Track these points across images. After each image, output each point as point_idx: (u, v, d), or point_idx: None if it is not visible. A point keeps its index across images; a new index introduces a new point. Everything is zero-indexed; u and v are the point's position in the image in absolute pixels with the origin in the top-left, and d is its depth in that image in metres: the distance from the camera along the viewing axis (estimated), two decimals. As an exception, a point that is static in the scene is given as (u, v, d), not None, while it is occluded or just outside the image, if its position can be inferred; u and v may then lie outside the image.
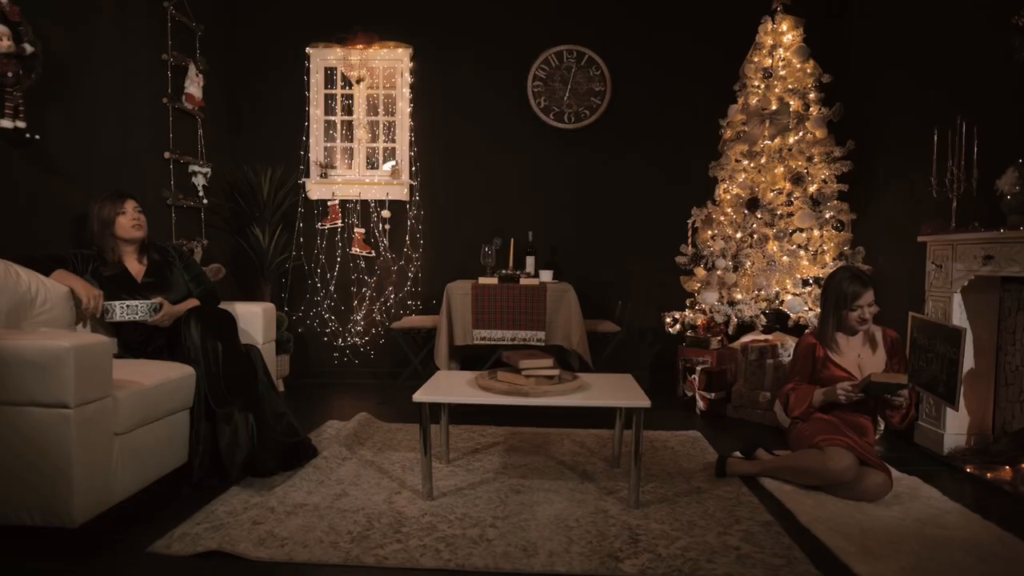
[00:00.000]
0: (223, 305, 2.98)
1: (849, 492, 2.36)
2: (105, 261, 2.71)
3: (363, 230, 4.64)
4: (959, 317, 2.88)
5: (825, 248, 3.67)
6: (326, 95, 4.68)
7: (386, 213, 4.62)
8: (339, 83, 4.68)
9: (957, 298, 2.88)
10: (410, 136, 4.62)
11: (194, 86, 3.88)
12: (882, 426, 3.18)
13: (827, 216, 3.65)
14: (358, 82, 4.60)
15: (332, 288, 4.66)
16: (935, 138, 2.98)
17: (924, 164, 3.19)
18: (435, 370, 4.04)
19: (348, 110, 4.71)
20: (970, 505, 2.34)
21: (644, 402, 2.28)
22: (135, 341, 2.70)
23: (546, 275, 4.10)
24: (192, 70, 3.87)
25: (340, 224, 4.65)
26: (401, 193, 4.63)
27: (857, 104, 3.87)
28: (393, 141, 4.70)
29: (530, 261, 4.23)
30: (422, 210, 4.66)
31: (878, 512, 2.27)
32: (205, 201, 4.04)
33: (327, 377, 4.66)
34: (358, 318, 4.67)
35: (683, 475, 2.68)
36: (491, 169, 4.64)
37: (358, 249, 4.63)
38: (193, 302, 2.83)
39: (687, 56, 4.51)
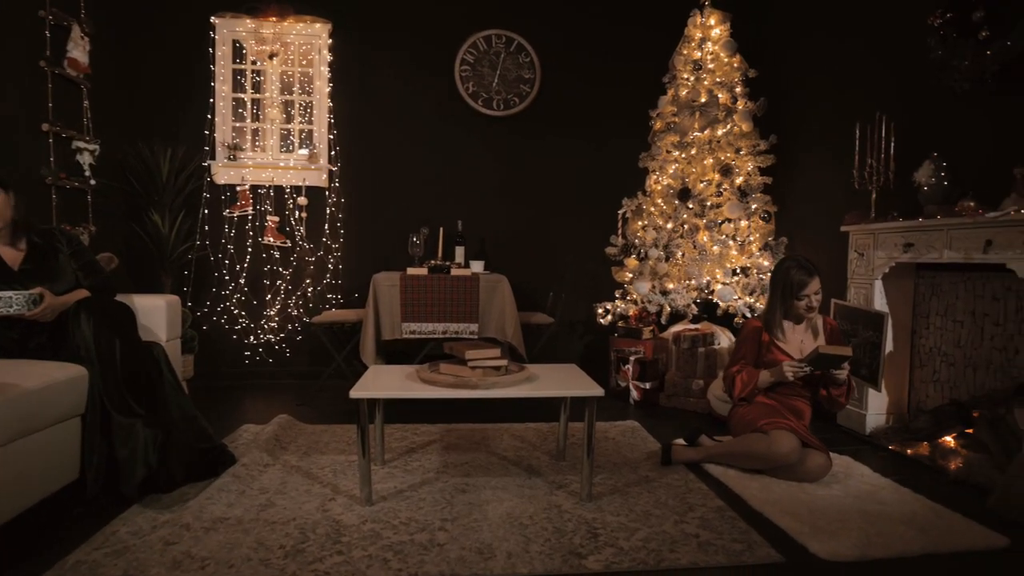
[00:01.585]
0: (119, 298, 2.62)
1: (792, 474, 2.39)
2: None
3: (277, 218, 4.29)
4: (880, 302, 3.02)
5: (752, 238, 3.77)
6: (234, 70, 4.29)
7: (303, 200, 4.30)
8: (249, 58, 4.30)
9: (878, 284, 3.02)
10: (329, 118, 4.32)
11: (78, 50, 3.41)
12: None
13: (753, 207, 3.75)
14: (271, 57, 4.24)
15: (242, 281, 4.28)
16: (857, 132, 3.11)
17: (843, 158, 3.33)
18: (359, 367, 3.80)
19: (259, 87, 4.34)
20: (899, 480, 2.44)
21: (597, 391, 2.20)
22: (9, 339, 2.30)
23: (477, 266, 3.96)
24: (76, 32, 3.40)
25: (251, 211, 4.27)
26: (319, 179, 4.32)
27: (779, 100, 4.01)
28: (310, 123, 4.38)
29: (460, 251, 4.07)
30: (343, 197, 4.38)
31: (820, 492, 2.32)
32: (93, 182, 3.57)
33: (237, 378, 4.28)
34: (272, 313, 4.32)
35: (629, 465, 2.63)
36: (417, 155, 4.43)
37: (271, 238, 4.27)
38: (82, 293, 2.46)
39: (617, 46, 4.51)
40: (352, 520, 2.03)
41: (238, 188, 4.24)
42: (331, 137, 4.33)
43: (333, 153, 4.34)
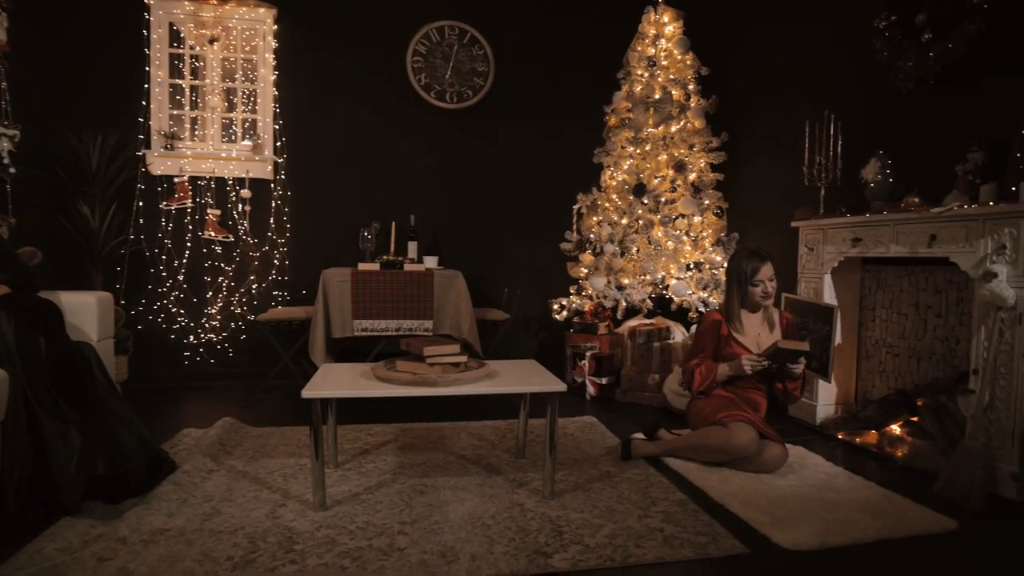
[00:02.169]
0: (43, 295, 2.41)
1: (750, 465, 2.42)
2: None
3: (219, 211, 4.08)
4: (829, 296, 3.10)
5: (705, 234, 3.81)
6: (171, 55, 4.04)
7: (246, 193, 4.10)
8: (188, 42, 4.06)
9: (827, 278, 3.10)
10: (274, 107, 4.14)
11: (-5, 26, 3.15)
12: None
13: (706, 203, 3.80)
14: (211, 42, 4.03)
15: (181, 277, 4.05)
16: (806, 130, 3.18)
17: (793, 155, 3.41)
18: (307, 367, 3.66)
19: (199, 74, 4.11)
20: (851, 468, 2.51)
21: (559, 386, 2.16)
22: (-85, 340, 2.08)
23: (431, 261, 3.88)
24: (-8, 6, 3.13)
25: (190, 204, 4.04)
26: (264, 171, 4.13)
27: (731, 98, 4.08)
28: (254, 112, 4.18)
29: (412, 246, 3.97)
30: (289, 190, 4.20)
31: (778, 482, 2.35)
32: (12, 170, 3.30)
33: (176, 380, 4.04)
34: (214, 311, 4.11)
35: (589, 461, 2.60)
36: (368, 148, 4.30)
37: (213, 233, 4.06)
38: (2, 289, 2.25)
39: (572, 40, 4.49)
40: (305, 526, 1.93)
41: (176, 179, 4.01)
42: (276, 127, 4.15)
43: (279, 144, 4.16)
